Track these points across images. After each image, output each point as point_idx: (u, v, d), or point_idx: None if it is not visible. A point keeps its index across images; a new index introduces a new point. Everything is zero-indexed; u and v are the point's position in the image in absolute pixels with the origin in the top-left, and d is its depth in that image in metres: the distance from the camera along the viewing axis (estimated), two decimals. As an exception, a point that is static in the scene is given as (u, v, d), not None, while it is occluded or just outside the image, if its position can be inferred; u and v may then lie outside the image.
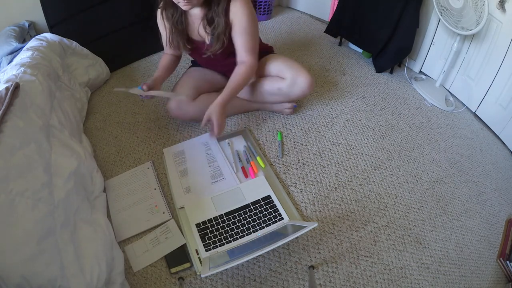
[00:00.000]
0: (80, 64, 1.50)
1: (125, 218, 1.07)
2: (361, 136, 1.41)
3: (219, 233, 1.02)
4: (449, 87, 1.72)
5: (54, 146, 0.97)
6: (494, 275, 1.05)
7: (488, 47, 1.45)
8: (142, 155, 1.29)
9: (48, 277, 0.70)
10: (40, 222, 0.74)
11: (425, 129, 1.49)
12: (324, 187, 1.20)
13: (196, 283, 0.94)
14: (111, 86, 1.63)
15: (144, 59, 1.83)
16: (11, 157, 0.79)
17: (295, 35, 2.09)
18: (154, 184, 1.17)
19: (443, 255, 1.06)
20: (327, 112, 1.51)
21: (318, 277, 0.97)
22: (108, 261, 0.84)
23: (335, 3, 2.00)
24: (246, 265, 0.98)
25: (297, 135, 1.39)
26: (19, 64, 1.14)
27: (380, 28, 1.69)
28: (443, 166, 1.34)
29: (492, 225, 1.18)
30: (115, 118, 1.45)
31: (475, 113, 1.62)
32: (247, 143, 1.32)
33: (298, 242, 1.04)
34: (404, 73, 1.83)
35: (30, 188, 0.78)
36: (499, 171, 1.37)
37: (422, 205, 1.18)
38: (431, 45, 1.73)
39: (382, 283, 0.97)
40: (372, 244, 1.05)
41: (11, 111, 0.89)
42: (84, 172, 1.02)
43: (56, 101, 1.17)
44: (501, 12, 1.33)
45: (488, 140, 1.50)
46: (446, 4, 1.42)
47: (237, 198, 1.11)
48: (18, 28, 1.51)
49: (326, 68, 1.80)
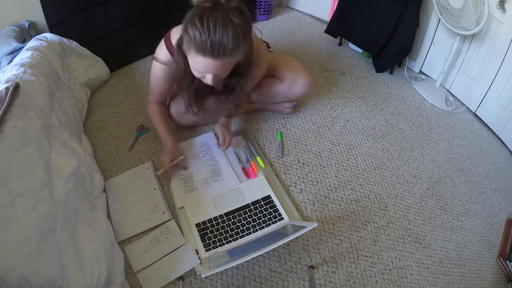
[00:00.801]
0: (80, 64, 1.49)
1: (125, 218, 1.07)
2: (361, 136, 1.41)
3: (219, 233, 1.02)
4: (449, 87, 1.72)
5: (54, 146, 0.97)
6: (494, 275, 1.05)
7: (488, 47, 1.45)
8: (142, 155, 1.29)
9: (48, 277, 0.70)
10: (40, 222, 0.74)
11: (425, 129, 1.49)
12: (324, 187, 1.20)
13: (196, 283, 0.94)
14: (111, 86, 1.63)
15: (144, 59, 1.82)
16: (11, 157, 0.79)
17: (295, 35, 2.09)
18: (154, 184, 1.17)
19: (443, 255, 1.06)
20: (327, 112, 1.51)
21: (318, 277, 0.97)
22: (108, 261, 0.84)
23: (335, 3, 2.00)
24: (246, 265, 0.98)
25: (297, 135, 1.39)
26: (19, 64, 1.13)
27: (380, 28, 1.69)
28: (443, 166, 1.34)
29: (492, 225, 1.18)
30: (115, 118, 1.45)
31: (475, 113, 1.62)
32: (247, 143, 1.32)
33: (298, 242, 1.04)
34: (404, 73, 1.83)
35: (30, 188, 0.78)
36: (499, 171, 1.37)
37: (422, 205, 1.18)
38: (431, 45, 1.73)
39: (382, 283, 0.97)
40: (372, 244, 1.05)
41: (11, 111, 0.89)
42: (84, 172, 1.02)
43: (56, 101, 1.17)
44: (501, 12, 1.33)
45: (488, 140, 1.50)
46: (446, 4, 1.42)
47: (237, 198, 1.11)
48: (18, 28, 1.51)
49: (326, 68, 1.80)
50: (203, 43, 0.85)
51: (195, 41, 0.85)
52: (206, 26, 0.83)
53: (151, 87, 1.19)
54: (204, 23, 0.83)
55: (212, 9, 0.84)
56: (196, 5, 0.86)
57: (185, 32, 0.88)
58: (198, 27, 0.83)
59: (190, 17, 0.86)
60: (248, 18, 0.90)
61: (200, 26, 0.83)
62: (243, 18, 0.87)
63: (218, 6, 0.84)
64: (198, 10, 0.85)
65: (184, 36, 0.89)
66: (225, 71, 0.97)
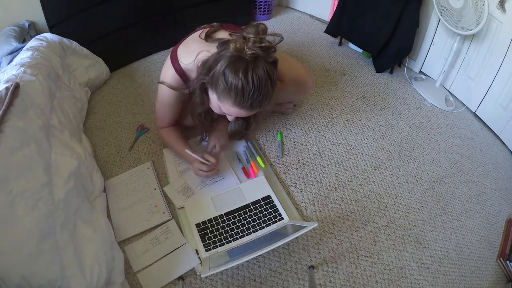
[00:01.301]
0: (80, 64, 1.49)
1: (125, 218, 1.07)
2: (361, 136, 1.41)
3: (219, 233, 1.02)
4: (449, 87, 1.72)
5: (54, 146, 0.97)
6: (494, 275, 1.05)
7: (488, 47, 1.45)
8: (142, 155, 1.29)
9: (48, 277, 0.70)
10: (40, 222, 0.74)
11: (425, 129, 1.49)
12: (324, 187, 1.20)
13: (196, 283, 0.94)
14: (111, 86, 1.63)
15: (144, 59, 1.82)
16: (11, 157, 0.79)
17: (295, 35, 2.09)
18: (154, 184, 1.17)
19: (443, 255, 1.06)
20: (327, 112, 1.51)
21: (318, 277, 0.97)
22: (108, 261, 0.84)
23: (335, 3, 2.00)
24: (246, 265, 0.98)
25: (297, 135, 1.39)
26: (19, 64, 1.13)
27: (380, 28, 1.69)
28: (443, 166, 1.34)
29: (492, 225, 1.18)
30: (115, 118, 1.45)
31: (475, 113, 1.62)
32: (247, 143, 1.32)
33: (298, 242, 1.04)
34: (404, 73, 1.83)
35: (30, 188, 0.78)
36: (499, 171, 1.37)
37: (422, 205, 1.18)
38: (431, 45, 1.73)
39: (382, 283, 0.97)
40: (372, 244, 1.05)
41: (11, 111, 0.89)
42: (84, 172, 1.02)
43: (56, 101, 1.17)
44: (501, 12, 1.33)
45: (488, 140, 1.50)
46: (446, 4, 1.42)
47: (237, 198, 1.11)
48: (18, 28, 1.51)
49: (326, 68, 1.80)
50: (245, 99, 0.85)
51: (236, 95, 0.84)
52: (251, 83, 0.83)
53: (160, 113, 1.16)
54: (249, 79, 0.82)
55: (256, 65, 0.83)
56: (237, 56, 0.84)
57: (222, 79, 0.85)
58: (241, 81, 0.82)
59: (232, 66, 0.83)
60: (277, 67, 0.91)
61: (244, 82, 0.82)
62: (276, 71, 0.89)
63: (259, 61, 0.84)
64: (241, 62, 0.83)
65: (220, 82, 0.85)
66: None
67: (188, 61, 0.99)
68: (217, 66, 0.86)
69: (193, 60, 0.96)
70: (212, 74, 0.87)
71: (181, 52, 1.02)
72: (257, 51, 0.83)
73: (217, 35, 1.02)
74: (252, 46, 0.83)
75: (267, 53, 0.86)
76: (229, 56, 0.85)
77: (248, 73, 0.82)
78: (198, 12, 1.82)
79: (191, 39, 1.06)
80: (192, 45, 1.02)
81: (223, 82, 0.85)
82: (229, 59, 0.84)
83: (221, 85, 0.86)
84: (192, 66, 0.98)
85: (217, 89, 0.88)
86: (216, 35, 1.01)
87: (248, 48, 0.83)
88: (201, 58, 0.94)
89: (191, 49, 1.00)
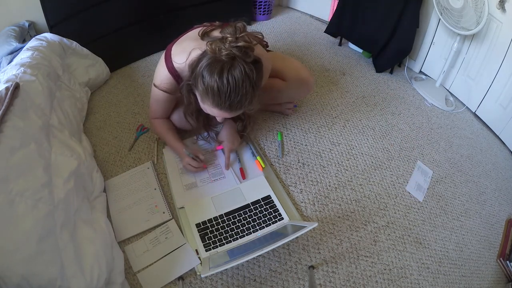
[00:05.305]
0: (80, 64, 1.49)
1: (125, 218, 1.07)
2: (361, 136, 1.41)
3: (219, 233, 1.02)
4: (449, 87, 1.72)
5: (54, 146, 0.97)
6: (494, 275, 1.05)
7: (488, 47, 1.45)
8: (142, 155, 1.29)
9: (48, 277, 0.70)
10: (40, 222, 0.74)
11: (425, 129, 1.49)
12: (324, 187, 1.20)
13: (196, 283, 0.93)
14: (111, 86, 1.63)
15: (144, 59, 1.83)
16: (11, 157, 0.79)
17: (295, 35, 2.09)
18: (154, 184, 1.17)
19: (443, 255, 1.06)
20: (327, 112, 1.51)
21: (318, 277, 0.97)
22: (108, 261, 0.84)
23: (335, 3, 2.00)
24: (246, 265, 0.98)
25: (297, 135, 1.39)
26: (19, 64, 1.13)
27: (380, 28, 1.69)
28: (443, 166, 1.34)
29: (492, 225, 1.18)
30: (115, 118, 1.45)
31: (475, 113, 1.62)
32: (247, 143, 1.31)
33: (298, 242, 1.04)
34: (404, 73, 1.83)
35: (30, 188, 0.78)
36: (499, 171, 1.37)
37: (422, 205, 1.18)
38: (431, 45, 1.73)
39: (382, 283, 0.97)
40: (372, 244, 1.05)
41: (11, 111, 0.89)
42: (84, 172, 1.02)
43: (56, 101, 1.17)
44: (501, 12, 1.34)
45: (488, 140, 1.50)
46: (446, 4, 1.42)
47: (237, 198, 1.11)
48: (18, 28, 1.51)
49: (326, 68, 1.80)
50: (222, 101, 0.85)
51: (213, 96, 0.85)
52: (226, 85, 0.82)
53: (153, 107, 1.18)
54: (224, 81, 0.82)
55: (232, 66, 0.82)
56: (214, 57, 0.83)
57: (200, 81, 0.85)
58: (216, 82, 0.82)
59: (208, 68, 0.83)
60: (262, 67, 0.90)
61: (219, 83, 0.82)
62: (258, 71, 0.87)
63: (236, 62, 0.82)
64: (217, 63, 0.82)
65: (199, 84, 0.86)
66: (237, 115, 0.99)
67: (180, 61, 0.99)
68: (197, 68, 0.86)
69: (185, 60, 0.96)
70: (194, 76, 0.88)
71: (175, 51, 1.02)
72: (233, 51, 0.82)
73: (214, 33, 1.01)
74: (228, 47, 0.82)
75: (245, 52, 0.84)
76: (207, 58, 0.85)
77: (223, 74, 0.82)
78: (198, 12, 1.82)
79: (186, 37, 1.05)
80: (186, 44, 1.01)
81: (201, 84, 0.85)
82: (207, 61, 0.84)
83: (199, 87, 0.86)
84: (184, 66, 0.98)
85: (198, 90, 0.89)
86: (213, 33, 1.01)
87: (225, 48, 0.82)
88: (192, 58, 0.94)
89: (185, 48, 0.99)
